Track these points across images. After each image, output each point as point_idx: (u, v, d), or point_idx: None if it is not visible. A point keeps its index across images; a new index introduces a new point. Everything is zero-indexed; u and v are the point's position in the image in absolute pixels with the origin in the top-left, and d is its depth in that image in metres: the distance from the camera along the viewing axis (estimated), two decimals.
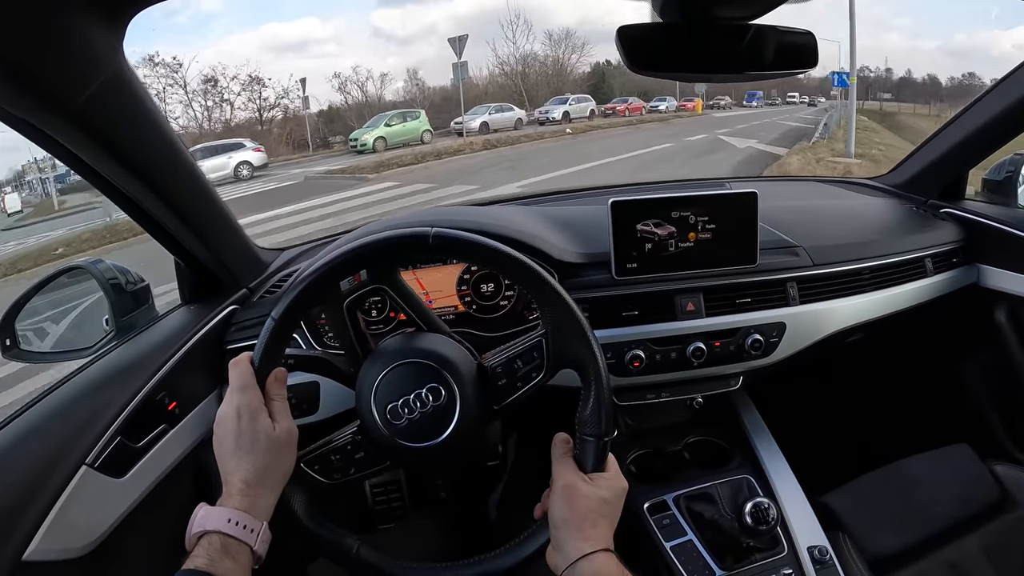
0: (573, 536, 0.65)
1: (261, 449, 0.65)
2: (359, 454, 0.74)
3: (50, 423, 0.78)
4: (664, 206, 0.98)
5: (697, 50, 0.75)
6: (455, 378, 0.71)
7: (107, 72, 0.66)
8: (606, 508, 0.67)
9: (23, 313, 1.02)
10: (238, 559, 0.59)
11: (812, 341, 1.04)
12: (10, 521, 0.65)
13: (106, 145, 0.72)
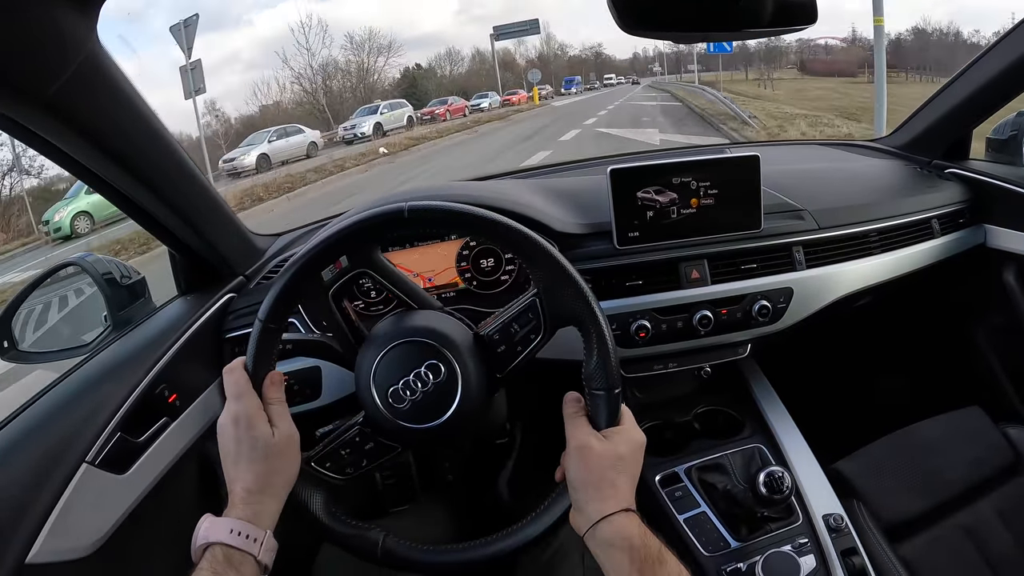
0: (592, 497, 0.64)
1: (261, 456, 0.65)
2: (368, 445, 0.73)
3: (49, 422, 0.76)
4: (664, 172, 0.96)
5: (692, 8, 0.73)
6: (453, 352, 0.70)
7: (80, 57, 0.64)
8: (623, 464, 0.65)
9: (19, 313, 1.01)
10: (242, 570, 0.59)
11: (820, 306, 1.03)
12: (12, 523, 0.64)
13: (85, 134, 0.70)
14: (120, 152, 0.74)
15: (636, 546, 0.60)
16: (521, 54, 56.77)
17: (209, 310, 0.94)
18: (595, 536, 0.62)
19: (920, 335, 1.36)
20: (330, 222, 1.11)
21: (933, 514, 0.99)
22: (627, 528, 0.61)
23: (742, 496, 0.90)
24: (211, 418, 0.94)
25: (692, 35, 0.81)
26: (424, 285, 1.01)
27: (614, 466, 0.65)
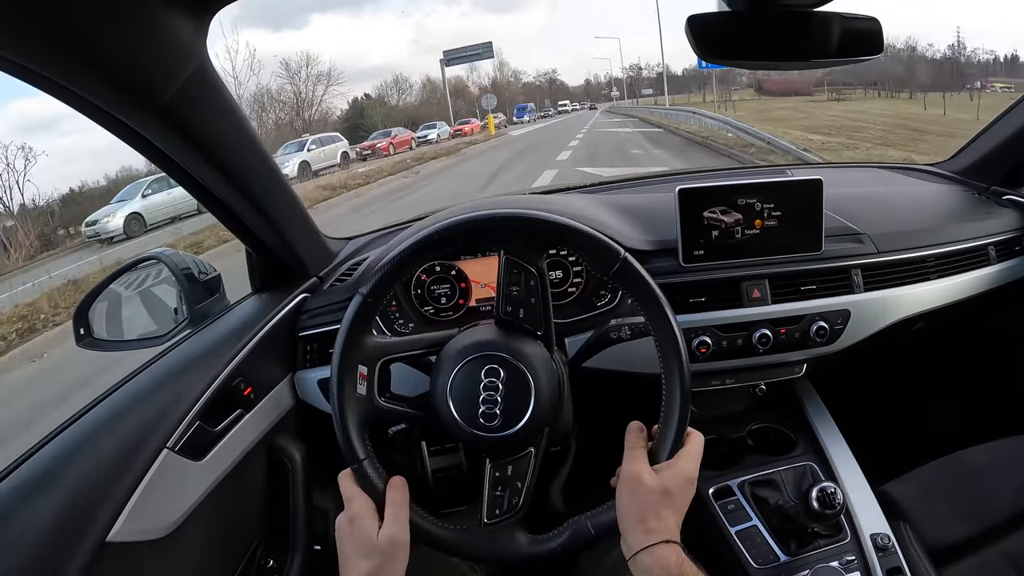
0: (635, 528, 0.67)
1: (367, 554, 0.68)
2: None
3: (133, 407, 0.80)
4: (731, 193, 0.97)
5: (765, 38, 0.75)
6: (527, 365, 0.73)
7: (193, 66, 0.68)
8: (670, 500, 0.68)
9: (96, 303, 1.05)
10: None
11: (876, 329, 1.04)
12: (96, 503, 0.68)
13: (191, 139, 0.74)
14: (220, 156, 0.78)
15: (673, 575, 0.63)
16: (474, 81, 55.35)
17: (284, 309, 0.98)
18: (635, 564, 0.65)
19: (973, 362, 1.36)
20: (411, 225, 1.14)
21: (979, 540, 0.99)
22: (666, 559, 0.64)
23: (793, 511, 0.92)
24: (281, 412, 0.97)
25: (764, 63, 0.82)
26: (493, 293, 1.03)
27: (661, 501, 0.67)
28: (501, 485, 0.75)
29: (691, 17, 0.74)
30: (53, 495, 0.66)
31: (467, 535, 0.74)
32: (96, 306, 1.05)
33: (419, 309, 1.04)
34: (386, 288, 0.74)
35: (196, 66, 0.67)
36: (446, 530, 0.74)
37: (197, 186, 0.83)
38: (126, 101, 0.66)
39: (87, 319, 1.03)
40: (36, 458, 0.71)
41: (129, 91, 0.65)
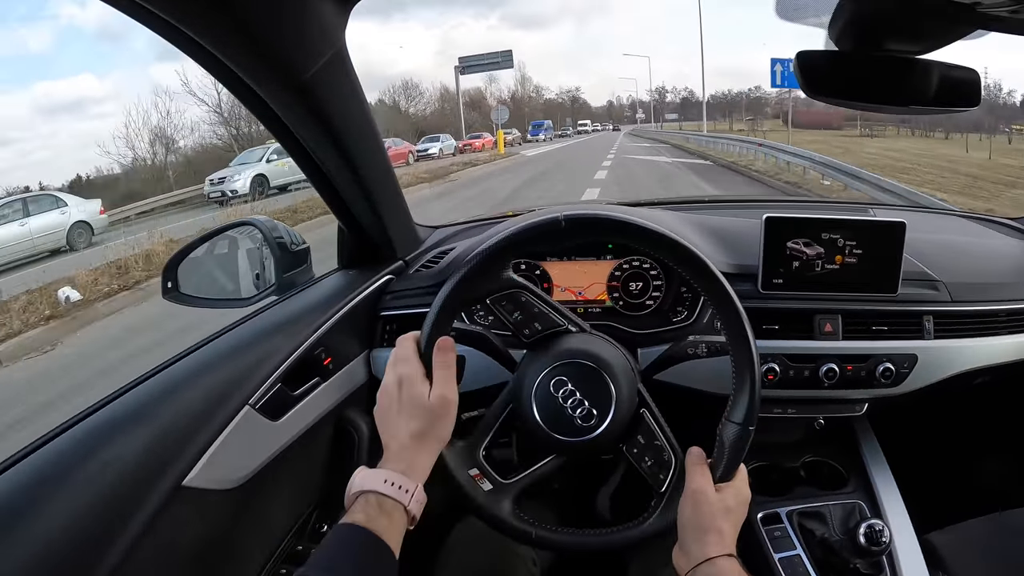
0: (699, 539, 0.69)
1: (416, 415, 0.69)
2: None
3: (221, 363, 0.84)
4: (816, 226, 0.99)
5: (868, 80, 0.77)
6: (612, 378, 0.76)
7: (333, 50, 0.72)
8: (730, 515, 0.71)
9: (186, 260, 1.10)
10: (393, 517, 0.62)
11: (941, 377, 1.04)
12: (177, 447, 0.71)
13: (319, 118, 0.78)
14: (341, 137, 0.82)
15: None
16: (493, 94, 52.71)
17: (370, 287, 1.02)
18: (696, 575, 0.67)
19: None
20: (501, 219, 1.17)
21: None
22: (727, 573, 0.66)
23: (838, 546, 0.93)
24: (353, 387, 1.01)
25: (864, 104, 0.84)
26: (573, 298, 1.06)
27: (723, 516, 0.70)
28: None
29: (800, 53, 0.76)
30: (139, 434, 0.70)
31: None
32: (185, 263, 1.10)
33: None
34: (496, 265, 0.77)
35: (335, 51, 0.72)
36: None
37: (310, 161, 0.88)
38: (268, 76, 0.71)
39: (176, 274, 1.08)
40: (125, 398, 0.75)
41: (273, 67, 0.69)
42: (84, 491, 0.62)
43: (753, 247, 1.01)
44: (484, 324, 1.05)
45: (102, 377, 4.09)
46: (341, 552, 0.59)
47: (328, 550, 0.59)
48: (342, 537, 0.60)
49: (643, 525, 0.77)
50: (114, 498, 0.64)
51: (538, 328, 0.79)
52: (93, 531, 0.61)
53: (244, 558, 0.85)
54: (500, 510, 0.77)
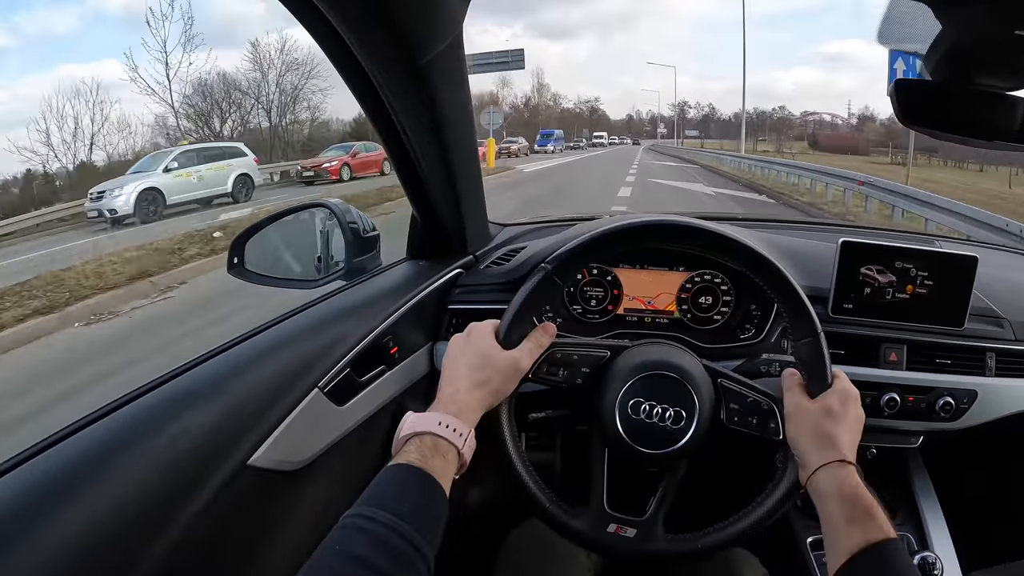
0: (810, 448, 0.69)
1: (479, 364, 0.70)
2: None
3: (293, 343, 0.84)
4: (891, 254, 0.99)
5: (958, 112, 0.77)
6: (697, 395, 0.76)
7: (452, 36, 0.72)
8: (835, 417, 0.70)
9: (255, 237, 1.11)
10: (448, 459, 0.62)
11: (999, 415, 1.03)
12: (246, 426, 0.71)
13: (426, 105, 0.78)
14: (441, 126, 0.83)
15: (847, 496, 0.64)
16: (506, 99, 51.59)
17: (441, 279, 1.02)
18: (813, 485, 0.68)
19: None
20: (573, 222, 1.18)
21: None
22: (841, 478, 0.65)
23: None
24: (415, 377, 1.01)
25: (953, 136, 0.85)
26: (642, 307, 1.07)
27: (826, 420, 0.69)
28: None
29: (897, 81, 0.77)
30: (208, 409, 0.70)
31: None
32: (253, 240, 1.11)
33: (568, 306, 1.08)
34: (571, 268, 0.77)
35: (455, 36, 0.72)
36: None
37: (399, 145, 0.88)
38: (386, 55, 0.70)
39: (243, 250, 1.10)
40: (196, 372, 0.75)
41: (394, 45, 0.69)
42: (150, 462, 0.62)
43: (824, 270, 1.01)
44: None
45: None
46: (395, 490, 0.58)
47: (382, 488, 0.58)
48: (395, 476, 0.59)
49: (780, 484, 0.75)
50: (179, 472, 0.64)
51: (586, 371, 0.79)
52: (155, 503, 0.61)
53: (296, 542, 0.85)
54: (653, 544, 0.76)
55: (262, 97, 27.94)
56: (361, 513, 0.54)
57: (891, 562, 0.59)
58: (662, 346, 0.81)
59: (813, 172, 12.45)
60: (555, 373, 0.77)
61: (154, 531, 0.60)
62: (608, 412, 0.76)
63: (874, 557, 0.59)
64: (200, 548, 0.65)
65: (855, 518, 0.62)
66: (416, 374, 1.02)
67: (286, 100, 28.62)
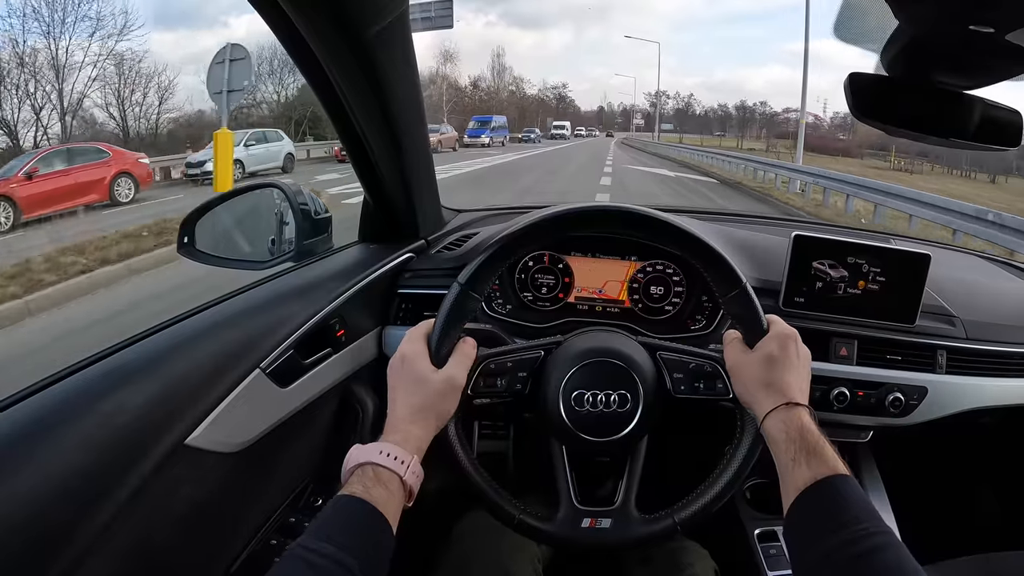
0: (755, 401, 0.69)
1: (416, 390, 0.69)
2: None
3: (235, 323, 0.83)
4: (843, 249, 0.99)
5: (913, 109, 0.78)
6: (643, 383, 0.75)
7: (400, 10, 0.70)
8: (775, 364, 0.69)
9: (206, 216, 1.09)
10: (390, 488, 0.62)
11: (948, 412, 1.04)
12: (184, 404, 0.70)
13: (373, 79, 0.77)
14: (389, 104, 0.81)
15: (792, 436, 0.64)
16: (448, 78, 43.25)
17: (391, 263, 1.01)
18: (765, 434, 0.68)
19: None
20: (528, 210, 1.17)
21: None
22: (786, 419, 0.66)
23: None
24: (363, 361, 1.00)
25: (907, 132, 0.85)
26: (593, 295, 1.06)
27: (768, 367, 0.70)
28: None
29: (852, 74, 0.77)
30: (146, 387, 0.68)
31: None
32: (203, 220, 1.09)
33: (519, 293, 1.06)
34: (484, 280, 0.75)
35: (401, 12, 0.70)
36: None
37: (349, 126, 0.86)
38: (329, 27, 0.69)
39: (193, 230, 1.07)
40: (135, 348, 0.73)
41: (337, 17, 0.67)
42: (82, 442, 0.61)
43: (777, 263, 1.01)
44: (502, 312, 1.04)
45: None
46: (338, 522, 0.58)
47: (325, 520, 0.58)
48: (339, 507, 0.59)
49: (741, 441, 0.75)
50: (113, 451, 0.62)
51: (524, 375, 0.77)
52: (87, 484, 0.59)
53: (236, 525, 0.84)
54: (633, 530, 0.75)
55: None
56: (306, 545, 0.54)
57: (839, 495, 0.59)
58: (594, 333, 0.80)
59: (827, 179, 10.59)
60: (493, 384, 0.76)
61: (85, 512, 0.58)
62: (552, 408, 0.75)
63: (821, 492, 0.59)
64: (134, 529, 0.63)
65: (799, 457, 0.62)
66: (365, 358, 1.00)
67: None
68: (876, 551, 0.54)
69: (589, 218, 0.77)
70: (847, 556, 0.54)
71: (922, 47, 0.72)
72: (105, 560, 0.60)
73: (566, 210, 0.76)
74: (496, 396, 0.76)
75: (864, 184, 9.33)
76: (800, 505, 0.61)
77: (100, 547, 0.59)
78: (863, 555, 0.54)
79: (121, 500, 0.61)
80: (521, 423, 1.12)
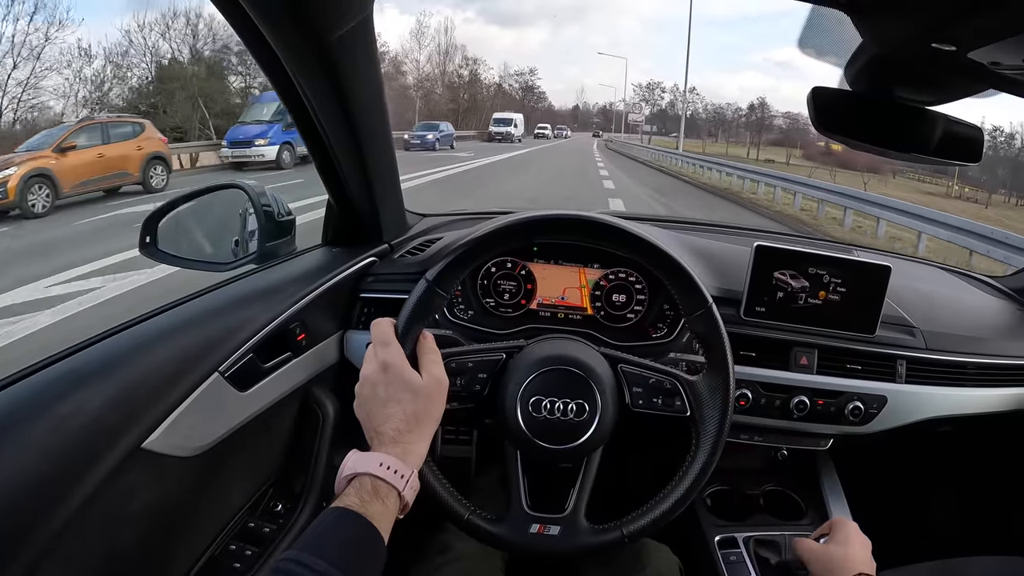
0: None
1: (410, 398, 0.67)
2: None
3: (194, 326, 0.82)
4: (804, 260, 1.00)
5: (875, 124, 0.78)
6: (601, 393, 0.75)
7: (363, 14, 0.70)
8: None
9: (169, 216, 1.07)
10: (387, 502, 0.60)
11: (907, 421, 1.06)
12: (141, 407, 0.69)
13: (335, 83, 0.76)
14: (351, 107, 0.81)
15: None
16: (390, 55, 34.05)
17: (353, 267, 1.00)
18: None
19: (989, 474, 1.37)
20: (493, 216, 1.16)
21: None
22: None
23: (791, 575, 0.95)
24: (324, 366, 0.99)
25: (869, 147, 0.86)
26: (555, 302, 1.06)
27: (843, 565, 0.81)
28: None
29: (815, 88, 0.77)
30: (102, 389, 0.67)
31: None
32: (166, 220, 1.07)
33: (481, 299, 1.06)
34: (451, 279, 0.75)
35: (365, 16, 0.70)
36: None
37: (312, 130, 0.86)
38: (291, 29, 0.68)
39: (155, 229, 1.05)
40: (91, 351, 0.72)
41: (300, 20, 0.66)
42: (34, 445, 0.59)
43: (739, 273, 1.01)
44: (464, 318, 1.04)
45: None
46: (332, 536, 0.56)
47: (319, 533, 0.56)
48: (333, 520, 0.57)
49: (694, 461, 0.75)
50: (68, 454, 0.61)
51: (484, 377, 0.78)
52: (42, 487, 0.58)
53: (195, 530, 0.83)
54: (580, 540, 0.75)
55: None
56: (297, 559, 0.52)
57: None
58: (556, 341, 0.80)
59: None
60: (453, 383, 0.75)
61: (36, 518, 0.57)
62: (510, 413, 0.75)
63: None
64: (89, 535, 0.62)
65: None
66: (326, 362, 0.99)
67: None
68: None
69: (564, 226, 0.77)
70: None
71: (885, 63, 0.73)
72: (58, 567, 0.59)
73: (542, 216, 0.76)
74: (454, 396, 0.76)
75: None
76: None
77: (52, 554, 0.58)
78: None
79: (74, 505, 0.60)
80: (485, 429, 1.12)
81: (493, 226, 0.76)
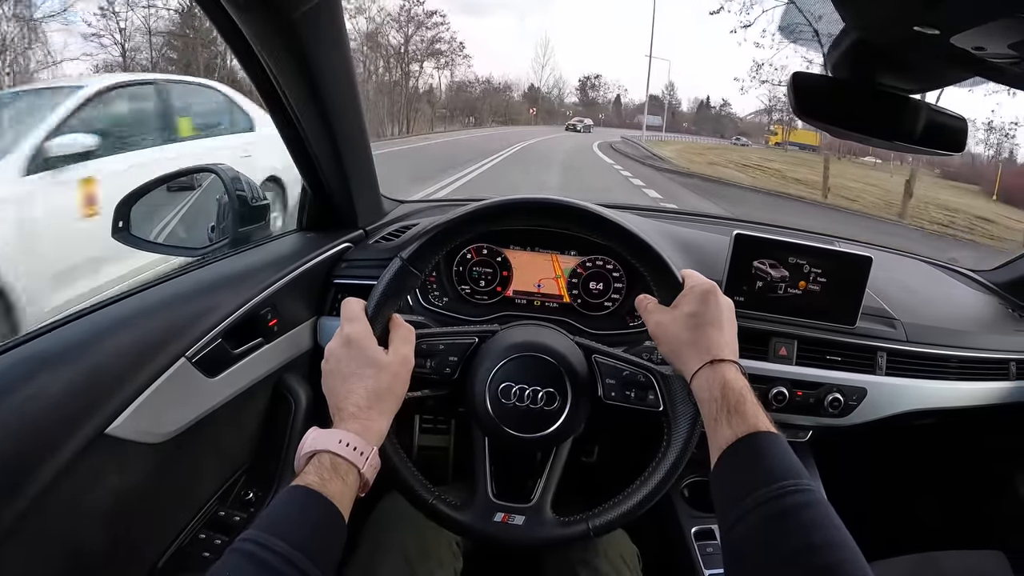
0: (681, 361, 0.66)
1: (372, 374, 0.65)
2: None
3: (160, 310, 0.80)
4: (783, 249, 0.99)
5: (858, 111, 0.77)
6: (572, 380, 0.74)
7: None
8: (696, 320, 0.67)
9: (142, 200, 1.05)
10: (347, 480, 0.58)
11: (887, 414, 1.05)
12: (104, 393, 0.67)
13: (302, 62, 0.75)
14: (321, 88, 0.79)
15: (715, 397, 0.61)
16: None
17: (327, 252, 0.98)
18: (696, 396, 0.64)
19: (968, 468, 1.37)
20: (465, 204, 1.15)
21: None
22: (710, 378, 0.63)
23: None
24: (297, 352, 0.98)
25: (851, 134, 0.85)
26: (532, 289, 1.05)
27: (687, 327, 0.66)
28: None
29: (795, 74, 0.76)
30: (64, 373, 0.65)
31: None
32: (139, 204, 1.05)
33: (456, 286, 1.05)
34: (427, 258, 0.73)
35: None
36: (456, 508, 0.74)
37: (283, 112, 0.84)
38: (258, 4, 0.66)
39: (128, 214, 1.03)
40: (54, 334, 0.70)
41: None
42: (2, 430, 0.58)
43: (719, 262, 1.00)
44: (439, 304, 1.03)
45: None
46: (291, 516, 0.54)
47: (277, 513, 0.54)
48: (293, 499, 0.56)
49: (665, 457, 0.72)
50: (29, 439, 0.60)
51: (455, 360, 0.76)
52: (1, 473, 0.57)
53: (163, 519, 0.81)
54: (544, 531, 0.73)
55: None
56: (255, 539, 0.51)
57: (757, 453, 0.56)
58: (530, 327, 0.79)
59: None
60: (423, 365, 0.74)
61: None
62: (479, 398, 0.73)
63: (740, 450, 0.57)
64: (51, 522, 0.61)
65: (721, 416, 0.59)
66: (298, 348, 0.98)
67: None
68: (795, 508, 0.52)
69: (538, 210, 0.75)
70: (763, 515, 0.52)
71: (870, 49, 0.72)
72: (18, 556, 0.58)
73: (517, 199, 0.75)
74: (422, 378, 0.74)
75: None
76: (721, 466, 0.58)
77: (11, 542, 0.57)
78: (780, 513, 0.52)
79: (33, 492, 0.58)
80: (463, 418, 1.11)
81: (469, 208, 0.75)
